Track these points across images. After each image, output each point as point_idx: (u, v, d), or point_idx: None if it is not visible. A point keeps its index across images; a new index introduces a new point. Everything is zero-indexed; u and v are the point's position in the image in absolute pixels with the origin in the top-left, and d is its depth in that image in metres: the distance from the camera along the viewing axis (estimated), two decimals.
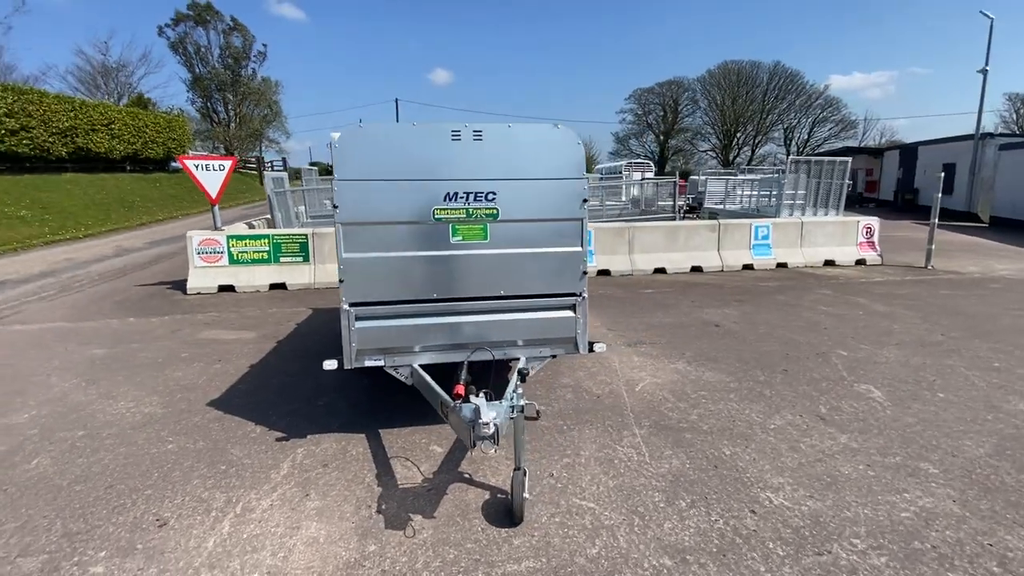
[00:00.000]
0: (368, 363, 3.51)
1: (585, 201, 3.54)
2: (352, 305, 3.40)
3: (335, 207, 3.28)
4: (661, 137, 65.92)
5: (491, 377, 3.49)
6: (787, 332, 6.23)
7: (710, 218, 13.93)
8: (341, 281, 3.37)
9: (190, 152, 30.32)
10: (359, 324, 3.42)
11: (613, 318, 6.94)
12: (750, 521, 2.82)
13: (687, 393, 4.47)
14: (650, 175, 28.94)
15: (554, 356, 3.75)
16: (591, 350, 3.79)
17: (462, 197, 3.37)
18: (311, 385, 4.66)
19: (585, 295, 3.67)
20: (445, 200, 3.36)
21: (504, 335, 3.60)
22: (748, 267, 10.44)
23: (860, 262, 10.88)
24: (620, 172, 28.52)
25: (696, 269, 10.22)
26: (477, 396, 2.79)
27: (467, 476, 3.27)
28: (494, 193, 3.40)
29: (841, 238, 11.00)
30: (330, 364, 3.46)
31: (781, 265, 10.56)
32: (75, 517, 2.89)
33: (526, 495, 2.84)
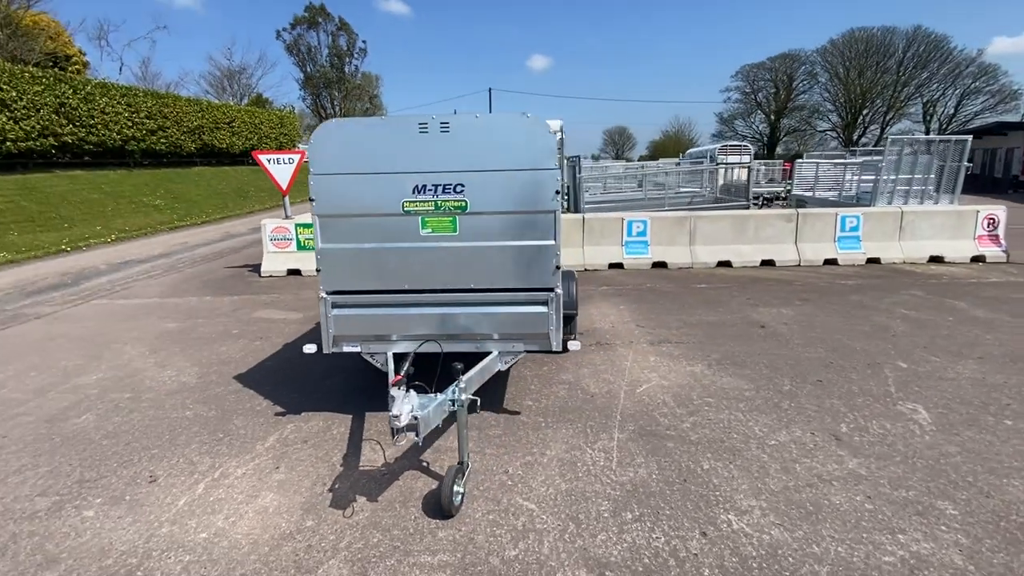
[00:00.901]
0: (346, 349, 3.69)
1: (557, 193, 3.39)
2: (329, 293, 3.58)
3: (311, 200, 3.46)
4: (772, 116, 60.57)
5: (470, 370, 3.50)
6: (844, 337, 5.51)
7: (797, 206, 12.59)
8: (318, 270, 3.56)
9: (299, 146, 33.30)
10: (335, 312, 3.60)
11: (648, 314, 6.58)
12: (695, 544, 2.58)
13: (691, 399, 4.15)
14: (747, 159, 26.69)
15: (528, 352, 3.67)
16: (565, 348, 3.65)
17: (430, 190, 3.38)
18: (325, 366, 4.98)
19: (558, 290, 3.53)
20: (414, 193, 3.39)
21: (475, 328, 3.59)
22: (831, 262, 9.33)
23: (978, 259, 9.25)
24: (711, 157, 26.62)
25: (767, 263, 9.34)
26: (403, 390, 2.80)
27: (425, 464, 3.33)
28: (462, 185, 3.38)
29: (954, 230, 9.42)
30: (309, 348, 3.69)
31: (873, 261, 9.30)
32: (91, 467, 3.38)
33: (458, 488, 2.83)
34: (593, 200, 14.72)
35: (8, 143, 15.10)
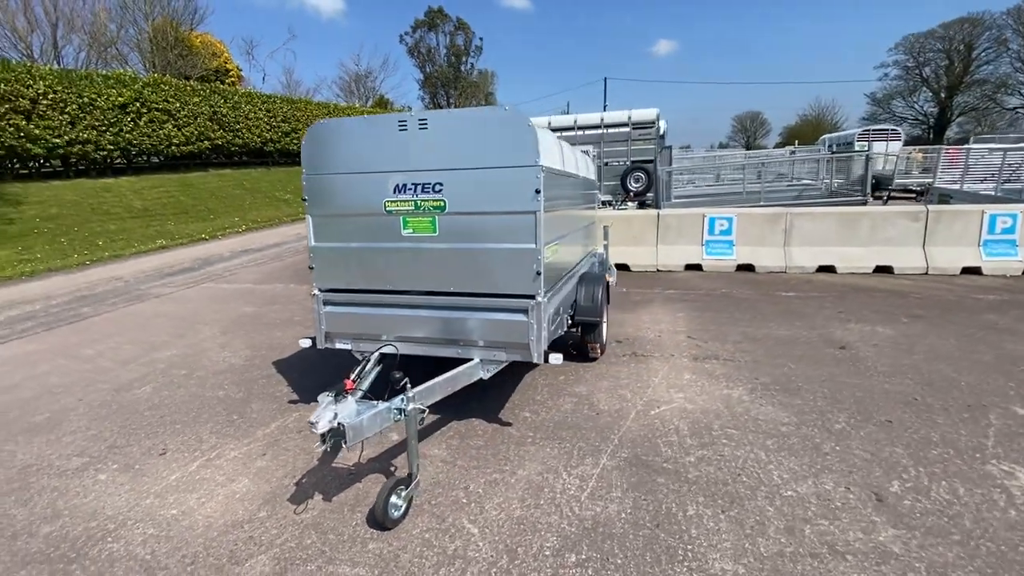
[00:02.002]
0: (339, 345, 3.76)
1: (538, 192, 3.09)
2: (321, 290, 3.66)
3: (304, 200, 3.55)
4: (941, 94, 51.30)
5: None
6: (950, 368, 4.43)
7: (940, 201, 10.43)
8: (311, 268, 3.65)
9: None
10: (327, 308, 3.67)
11: (707, 323, 5.89)
12: None
13: (711, 428, 3.60)
14: (897, 144, 22.80)
15: (512, 361, 3.44)
16: (546, 360, 3.35)
17: (410, 189, 3.29)
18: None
19: (540, 298, 3.24)
20: (395, 192, 3.33)
21: (456, 333, 3.44)
22: (972, 271, 7.61)
23: None
24: (852, 143, 23.15)
25: (883, 270, 7.89)
26: (329, 395, 2.73)
27: (392, 469, 3.28)
28: (440, 184, 3.23)
29: None
30: (305, 341, 3.81)
31: None
32: (125, 435, 3.84)
33: (397, 501, 2.71)
34: (684, 194, 13.62)
35: (173, 147, 18.00)
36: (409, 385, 2.82)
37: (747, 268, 8.41)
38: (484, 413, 3.91)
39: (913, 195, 18.73)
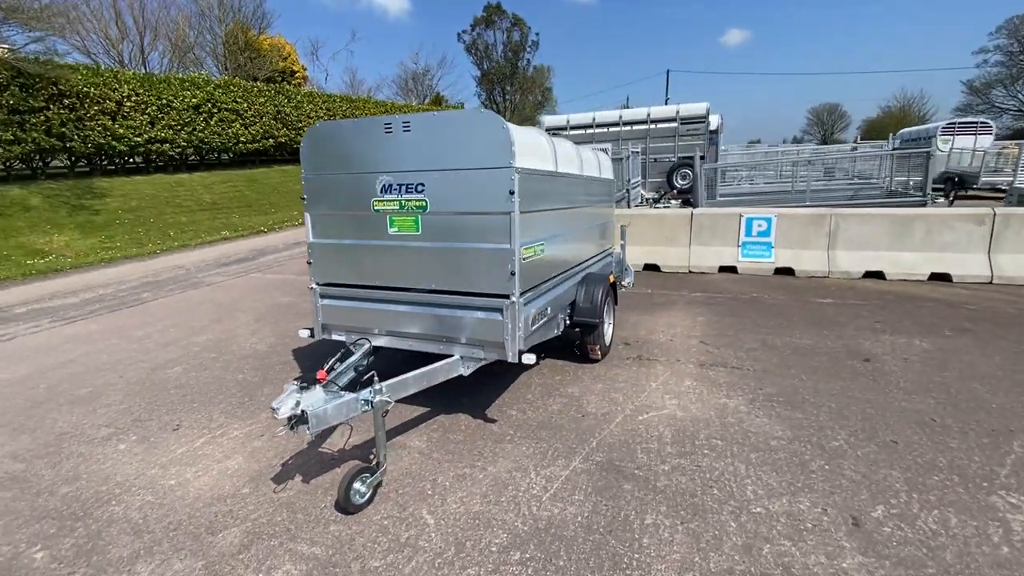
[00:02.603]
0: (335, 337, 3.95)
1: (512, 193, 3.12)
2: (319, 284, 3.87)
3: (303, 199, 3.76)
4: None
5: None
6: (984, 388, 4.04)
7: (1020, 203, 9.38)
8: (309, 262, 3.86)
9: None
10: (323, 301, 3.87)
11: (726, 328, 5.67)
12: None
13: (696, 437, 3.49)
14: (987, 139, 20.65)
15: (492, 360, 3.48)
16: (520, 361, 3.37)
17: (395, 189, 3.41)
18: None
19: (515, 298, 3.26)
20: (382, 192, 3.46)
21: (437, 330, 3.53)
22: None
23: None
24: (932, 138, 21.15)
25: (940, 278, 7.25)
26: (294, 384, 2.87)
27: (372, 457, 3.42)
28: (423, 185, 3.33)
29: None
30: (304, 332, 4.04)
31: None
32: (149, 410, 4.23)
33: (360, 487, 2.84)
34: (731, 192, 13.02)
35: (240, 144, 19.28)
36: (376, 378, 2.94)
37: (786, 272, 7.98)
38: (472, 409, 3.99)
39: (1002, 195, 16.96)
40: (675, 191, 13.84)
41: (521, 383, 4.46)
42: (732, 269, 8.25)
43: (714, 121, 15.66)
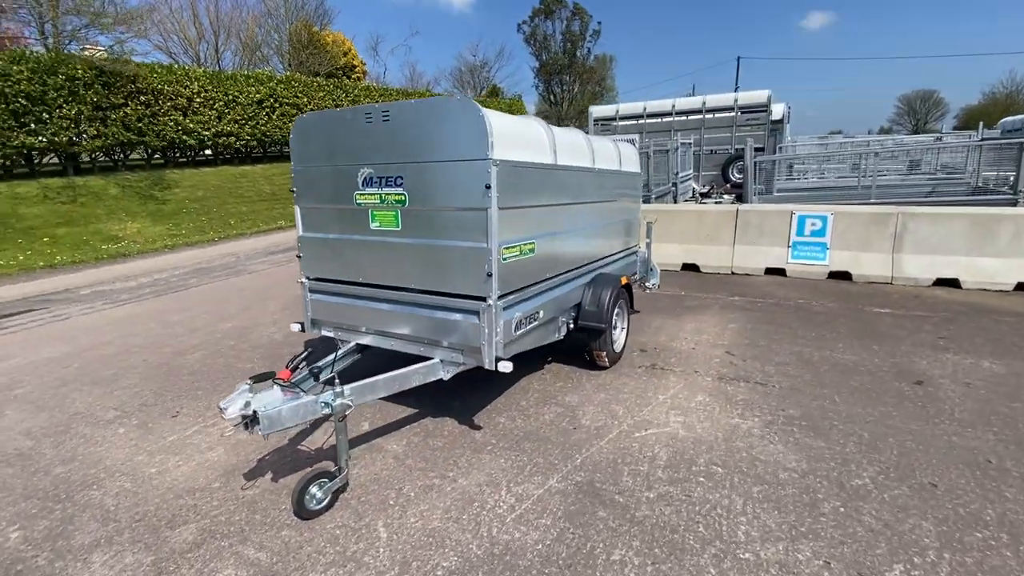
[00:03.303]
0: (324, 332, 3.88)
1: (488, 188, 2.87)
2: (308, 279, 3.80)
3: (292, 191, 3.69)
4: None
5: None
6: None
7: None
8: (298, 256, 3.80)
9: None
10: (312, 296, 3.81)
11: (759, 338, 5.15)
12: None
13: (694, 462, 3.13)
14: None
15: (472, 366, 3.27)
16: (496, 368, 3.12)
17: (376, 182, 3.26)
18: None
19: (491, 302, 3.03)
20: (363, 185, 3.32)
21: (417, 331, 3.36)
22: None
23: None
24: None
25: None
26: (246, 384, 2.78)
27: (347, 459, 3.32)
28: (401, 178, 3.16)
29: None
30: (295, 326, 3.99)
31: None
32: (157, 395, 4.37)
33: (317, 493, 2.74)
34: (791, 187, 11.99)
35: None
36: (337, 380, 2.82)
37: (842, 276, 7.20)
38: (461, 413, 3.81)
39: None
40: (729, 185, 12.96)
41: (519, 388, 4.22)
42: (780, 272, 7.56)
43: (778, 110, 14.49)
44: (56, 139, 13.75)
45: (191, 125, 16.46)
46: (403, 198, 3.17)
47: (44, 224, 12.66)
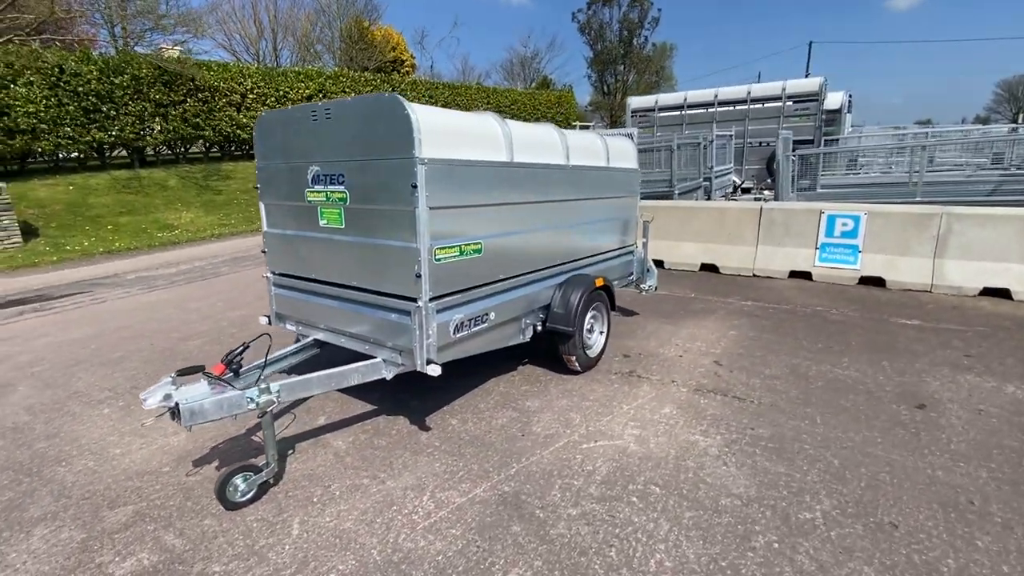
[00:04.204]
0: (288, 327, 3.97)
1: (415, 187, 2.80)
2: (273, 273, 3.89)
3: (256, 187, 3.78)
4: None
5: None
6: None
7: None
8: (263, 251, 3.90)
9: (576, 125, 35.04)
10: (275, 290, 3.90)
11: (755, 347, 4.80)
12: None
13: (632, 479, 2.95)
14: None
15: (410, 368, 3.23)
16: (426, 371, 3.06)
17: (322, 180, 3.27)
18: None
19: (422, 303, 2.96)
20: (312, 183, 3.34)
21: (361, 329, 3.36)
22: None
23: None
24: None
25: None
26: (170, 376, 2.84)
27: (293, 451, 3.38)
28: (343, 176, 3.15)
29: None
30: (263, 319, 4.10)
31: None
32: (149, 379, 4.62)
33: (242, 485, 2.79)
34: (839, 184, 11.05)
35: None
36: (262, 375, 2.86)
37: (874, 282, 6.59)
38: (416, 413, 3.79)
39: None
40: (771, 180, 12.15)
41: (483, 390, 4.15)
42: (806, 275, 7.02)
43: (835, 99, 13.40)
44: (123, 134, 14.91)
45: (244, 120, 17.36)
46: (345, 196, 3.17)
47: (109, 213, 13.80)
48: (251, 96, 17.53)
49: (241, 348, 3.20)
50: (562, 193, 4.10)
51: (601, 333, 4.57)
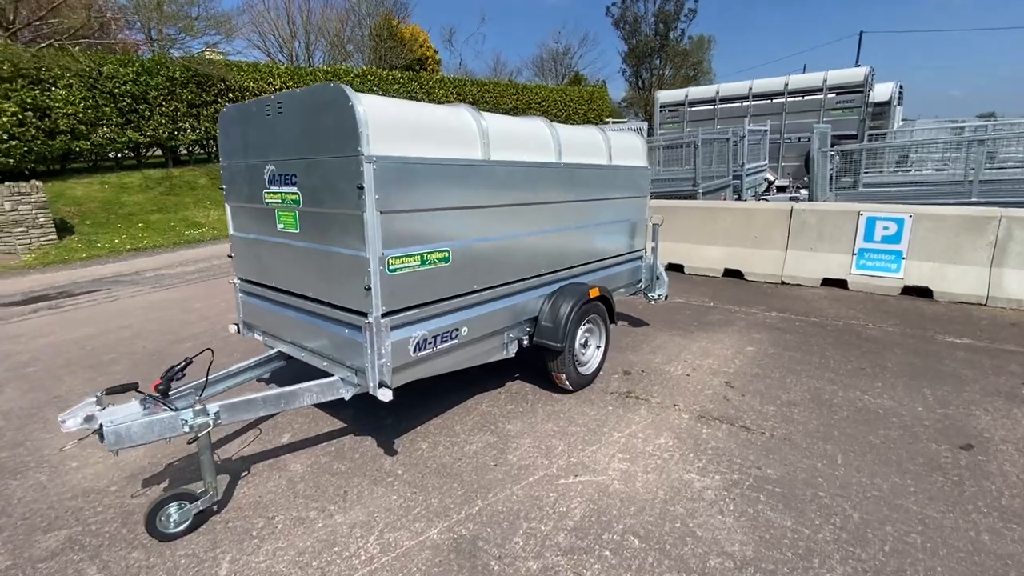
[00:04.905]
0: (257, 336, 3.73)
1: (361, 189, 2.48)
2: (240, 279, 3.67)
3: (222, 188, 3.55)
4: None
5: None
6: None
7: None
8: (230, 256, 3.67)
9: (610, 121, 34.21)
10: (242, 297, 3.67)
11: (773, 367, 4.29)
12: None
13: (610, 527, 2.56)
14: None
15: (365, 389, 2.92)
16: (375, 394, 2.74)
17: (277, 180, 3.01)
18: None
19: (371, 319, 2.64)
20: (269, 183, 3.08)
21: (318, 344, 3.08)
22: None
23: None
24: None
25: None
26: (96, 395, 2.62)
27: (247, 471, 3.14)
28: (295, 176, 2.87)
29: None
30: (232, 327, 3.88)
31: None
32: (138, 378, 4.50)
33: (174, 514, 2.55)
34: (878, 182, 10.15)
35: None
36: (198, 396, 2.61)
37: (920, 293, 5.91)
38: (386, 433, 3.50)
39: None
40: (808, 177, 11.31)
41: (466, 407, 3.82)
42: (840, 283, 6.37)
43: (884, 90, 12.38)
44: (157, 134, 15.30)
45: None
46: (298, 198, 2.89)
47: (141, 211, 14.18)
48: None
49: (183, 363, 2.97)
50: (553, 194, 3.72)
51: (598, 348, 4.16)
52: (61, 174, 14.76)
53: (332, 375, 3.03)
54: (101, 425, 2.47)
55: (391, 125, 2.58)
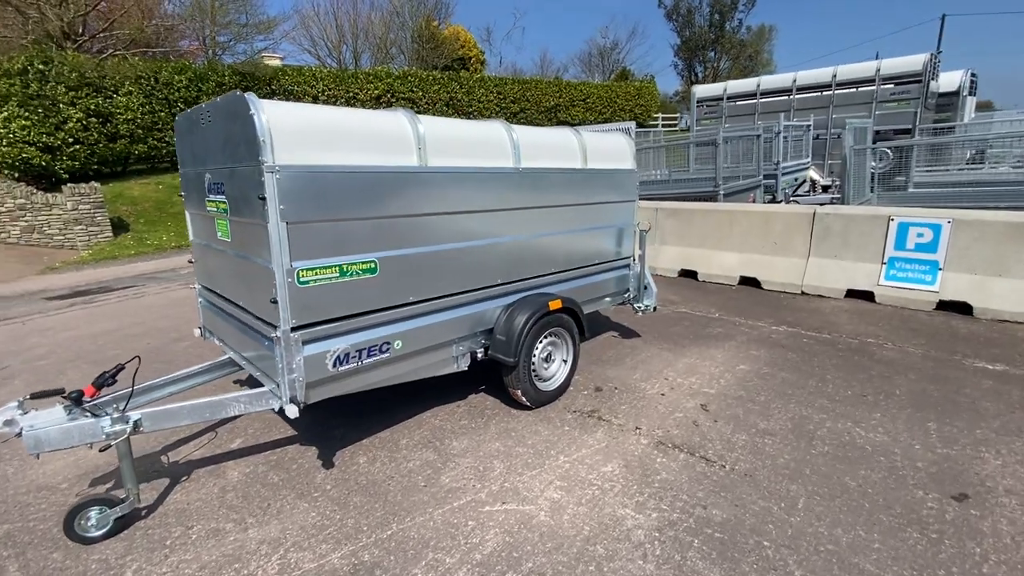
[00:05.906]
0: (216, 342, 3.78)
1: (263, 199, 2.41)
2: (200, 284, 3.72)
3: (182, 195, 3.61)
4: None
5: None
6: None
7: None
8: (189, 261, 3.73)
9: (659, 117, 33.14)
10: (200, 301, 3.72)
11: (760, 390, 3.91)
12: None
13: (517, 566, 2.37)
14: None
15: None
16: (282, 412, 2.66)
17: (213, 188, 3.00)
18: None
19: (281, 334, 2.57)
20: (208, 191, 3.09)
21: (249, 353, 3.06)
22: None
23: None
24: None
25: None
26: (19, 400, 2.67)
27: (187, 476, 3.17)
28: (223, 184, 2.85)
29: None
30: (197, 331, 3.95)
31: None
32: (122, 381, 4.71)
33: (93, 519, 2.60)
34: (938, 182, 9.13)
35: None
36: (121, 405, 2.64)
37: (958, 308, 5.25)
38: (331, 445, 3.45)
39: None
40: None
41: (419, 420, 3.71)
42: (867, 296, 5.78)
43: (951, 80, 11.14)
44: None
45: None
46: (226, 206, 2.87)
47: None
48: (323, 98, 18.32)
49: (115, 369, 3.03)
50: (508, 201, 3.53)
51: (564, 363, 3.94)
52: (123, 175, 15.91)
53: (263, 386, 3.00)
54: (21, 429, 2.53)
55: (301, 133, 2.50)
